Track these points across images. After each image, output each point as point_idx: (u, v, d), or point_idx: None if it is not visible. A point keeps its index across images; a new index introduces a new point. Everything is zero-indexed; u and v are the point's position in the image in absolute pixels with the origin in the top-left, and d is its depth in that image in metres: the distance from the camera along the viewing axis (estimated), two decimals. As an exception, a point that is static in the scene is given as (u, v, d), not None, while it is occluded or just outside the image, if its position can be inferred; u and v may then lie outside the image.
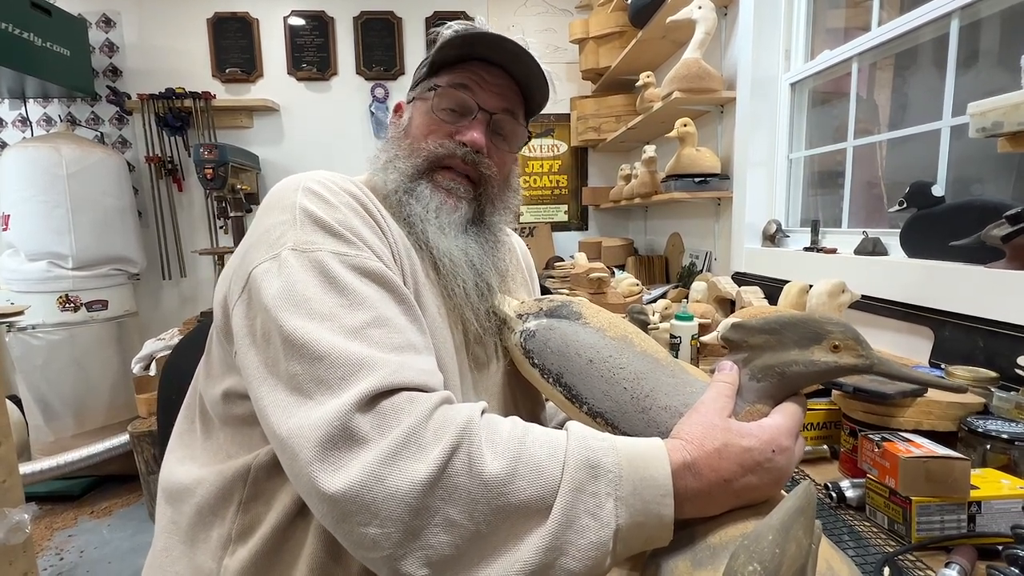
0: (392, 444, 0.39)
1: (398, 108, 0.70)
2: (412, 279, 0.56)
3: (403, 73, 2.87)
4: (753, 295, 1.46)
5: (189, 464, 0.57)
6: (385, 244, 0.54)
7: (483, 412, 0.44)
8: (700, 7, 1.61)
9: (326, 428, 0.39)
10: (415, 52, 2.87)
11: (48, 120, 2.77)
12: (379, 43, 2.83)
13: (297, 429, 0.40)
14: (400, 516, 0.37)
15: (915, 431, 0.68)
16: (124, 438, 2.18)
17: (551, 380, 0.54)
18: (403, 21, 2.83)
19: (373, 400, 0.41)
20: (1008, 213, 0.64)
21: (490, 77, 0.63)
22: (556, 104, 2.95)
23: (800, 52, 1.58)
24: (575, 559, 0.38)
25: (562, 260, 2.71)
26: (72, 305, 2.36)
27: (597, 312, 0.58)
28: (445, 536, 0.38)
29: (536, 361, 0.55)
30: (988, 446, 0.65)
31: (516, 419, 0.45)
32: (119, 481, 2.39)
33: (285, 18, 2.81)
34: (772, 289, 1.47)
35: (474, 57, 0.62)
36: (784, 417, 0.44)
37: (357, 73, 2.86)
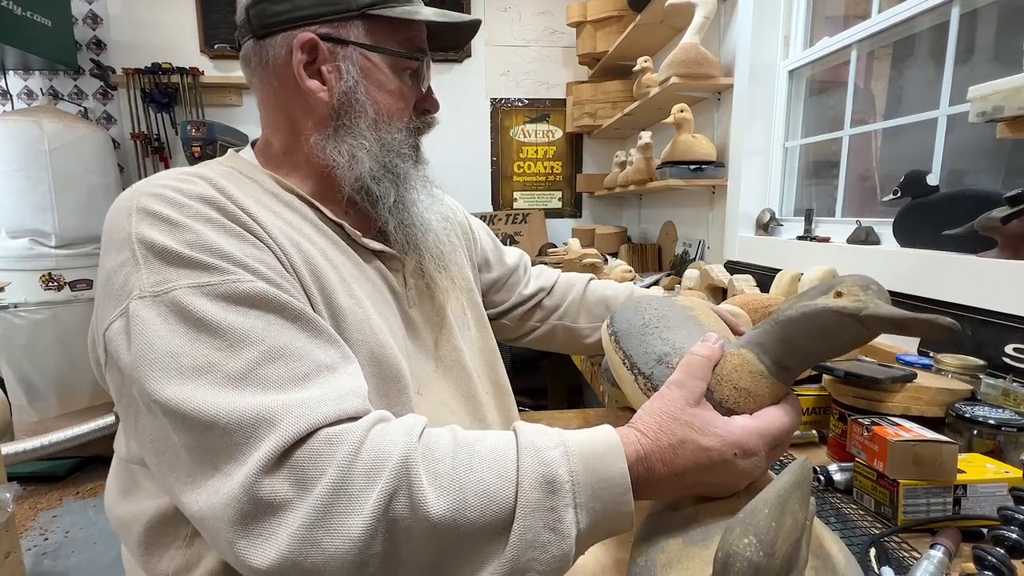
0: (318, 502, 0.34)
1: (306, 43, 0.53)
2: (313, 274, 0.48)
3: (397, 53, 2.82)
4: (745, 283, 1.46)
5: (133, 495, 0.50)
6: (263, 249, 0.45)
7: (422, 433, 0.39)
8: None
9: (236, 504, 0.34)
10: (409, 32, 2.81)
11: (29, 93, 2.69)
12: (373, 22, 2.77)
13: (209, 508, 0.36)
14: (347, 572, 0.34)
15: (904, 416, 0.68)
16: (109, 419, 2.16)
17: None
18: (397, 0, 2.77)
19: (284, 456, 0.36)
20: (1009, 195, 0.63)
21: (423, 32, 0.59)
22: (552, 89, 2.93)
23: (799, 39, 1.56)
24: (539, 572, 0.36)
25: (555, 247, 2.71)
26: (55, 284, 2.31)
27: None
28: (401, 570, 0.36)
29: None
30: (975, 431, 0.65)
31: (458, 435, 0.40)
32: (104, 462, 2.35)
33: (276, -7, 2.73)
34: (764, 278, 1.48)
35: (430, 19, 0.58)
36: (761, 420, 0.41)
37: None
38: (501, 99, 2.92)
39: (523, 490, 0.36)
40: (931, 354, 0.96)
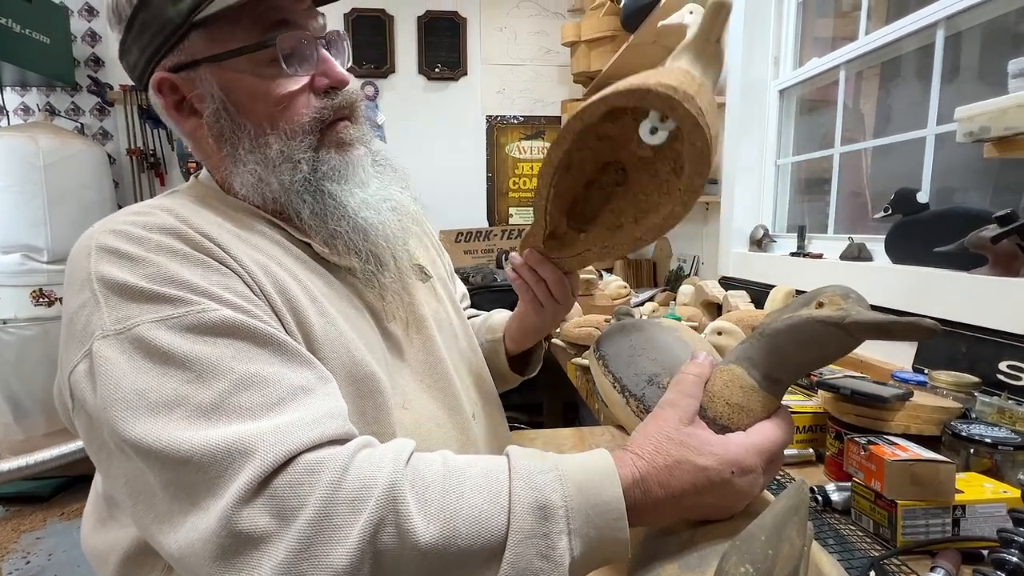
0: (301, 532, 0.33)
1: (161, 84, 0.50)
2: (283, 296, 0.46)
3: (393, 71, 2.85)
4: (740, 299, 1.47)
5: (109, 526, 0.49)
6: (229, 275, 0.44)
7: (409, 459, 0.38)
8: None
9: (215, 540, 0.33)
10: (407, 51, 2.85)
11: (26, 109, 2.69)
12: (370, 41, 2.81)
13: (188, 546, 0.34)
14: None
15: (903, 435, 0.68)
16: (98, 437, 2.12)
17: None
18: (394, 19, 2.82)
19: (262, 486, 0.34)
20: (998, 214, 0.64)
21: None
22: (547, 107, 2.97)
23: (789, 60, 1.59)
24: None
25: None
26: (46, 300, 2.29)
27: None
28: None
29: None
30: (971, 450, 0.65)
31: (449, 461, 0.39)
32: (91, 481, 2.32)
33: (274, 12, 2.77)
34: (759, 294, 1.48)
35: None
36: (756, 436, 0.40)
37: (347, 71, 2.83)
38: (497, 116, 2.95)
39: (515, 516, 0.35)
40: (926, 371, 0.96)
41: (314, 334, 0.47)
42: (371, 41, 2.81)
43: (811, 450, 0.80)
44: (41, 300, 2.28)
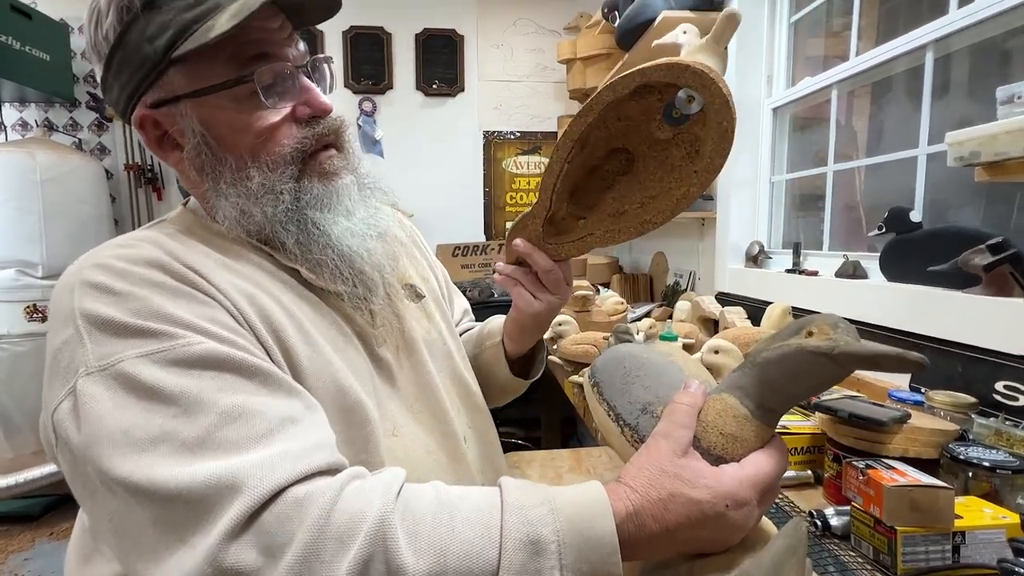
0: (289, 569, 0.33)
1: (142, 121, 0.51)
2: (269, 326, 0.46)
3: (391, 88, 2.88)
4: (737, 315, 1.47)
5: (94, 560, 0.48)
6: (214, 306, 0.44)
7: (399, 491, 0.38)
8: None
9: None
10: (405, 68, 2.88)
11: (24, 125, 2.70)
12: (368, 57, 2.83)
13: None
14: None
15: (901, 459, 0.67)
16: (89, 455, 2.09)
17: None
18: (392, 37, 2.85)
19: (250, 520, 0.34)
20: (989, 243, 0.64)
21: (269, 23, 0.49)
22: (543, 122, 3.00)
23: (782, 78, 1.61)
24: None
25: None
26: (40, 315, 2.27)
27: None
28: None
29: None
30: (970, 474, 0.65)
31: (441, 493, 0.39)
32: (82, 500, 2.28)
33: (274, 30, 2.80)
34: (755, 310, 1.48)
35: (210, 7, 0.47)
36: (750, 468, 0.40)
37: (345, 86, 2.85)
38: (493, 132, 2.98)
39: (506, 551, 0.35)
40: (923, 390, 0.95)
41: (300, 363, 0.47)
42: (369, 58, 2.84)
43: (809, 472, 0.79)
44: (35, 316, 2.27)
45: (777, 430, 0.45)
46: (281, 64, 0.50)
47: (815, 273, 1.32)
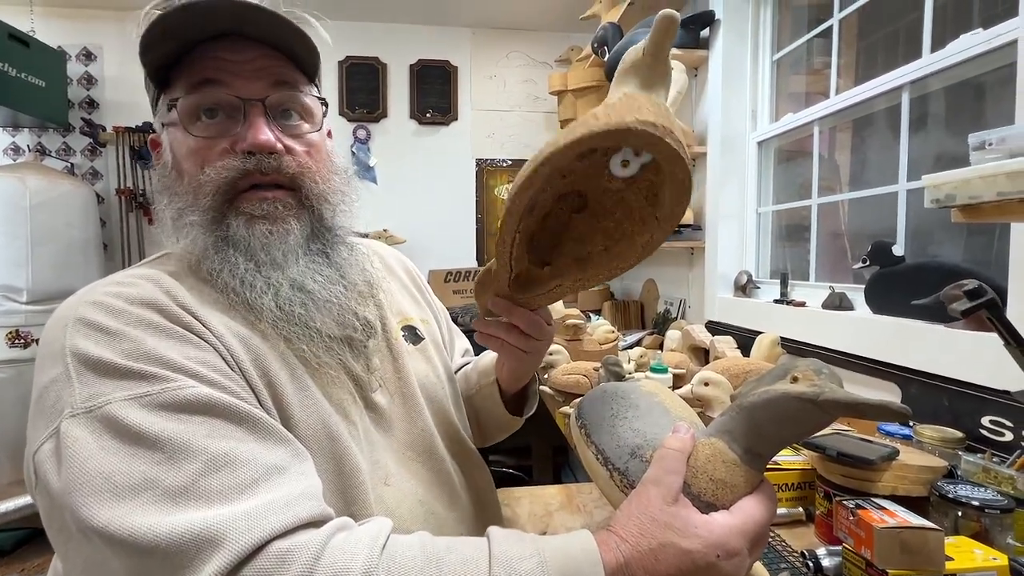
0: None
1: (153, 145, 0.54)
2: (261, 370, 0.46)
3: (386, 116, 2.92)
4: (726, 345, 1.48)
5: None
6: (207, 348, 0.43)
7: (385, 544, 0.37)
8: (672, 68, 1.70)
9: None
10: (399, 97, 2.93)
11: (16, 149, 2.70)
12: (363, 87, 2.88)
13: None
14: None
15: (891, 497, 0.67)
16: (66, 487, 2.02)
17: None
18: (387, 67, 2.91)
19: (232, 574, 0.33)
20: (966, 289, 0.66)
21: (234, 55, 0.49)
22: (535, 151, 3.03)
23: (766, 113, 1.66)
24: None
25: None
26: (22, 341, 2.23)
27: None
28: None
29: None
30: (959, 513, 0.65)
31: (427, 545, 0.38)
32: (57, 534, 2.20)
33: (270, 59, 2.85)
34: (745, 339, 1.49)
35: (198, 39, 0.48)
36: (740, 516, 0.39)
37: (340, 114, 2.89)
38: (486, 159, 3.02)
39: None
40: (912, 423, 0.96)
41: (290, 409, 0.46)
42: (364, 87, 2.88)
43: (800, 509, 0.79)
44: (17, 342, 2.22)
45: (768, 466, 0.45)
46: (220, 92, 0.49)
47: (803, 304, 1.34)
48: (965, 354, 0.88)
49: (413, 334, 0.65)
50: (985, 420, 0.82)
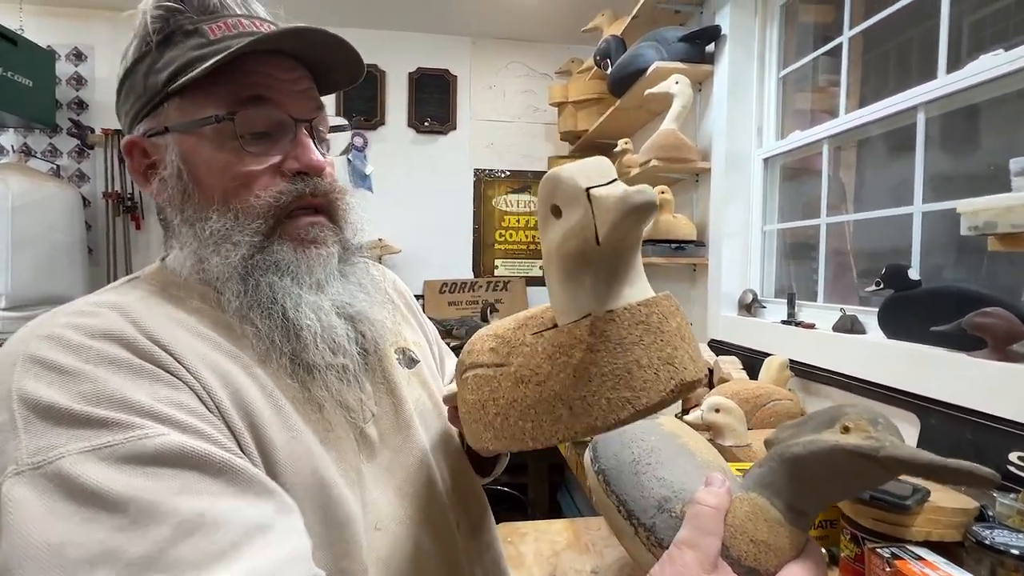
0: None
1: (131, 147, 0.49)
2: (242, 409, 0.41)
3: (383, 123, 2.88)
4: (732, 366, 1.44)
5: None
6: (181, 388, 0.38)
7: None
8: (677, 82, 1.68)
9: None
10: (398, 105, 2.89)
11: (0, 150, 2.62)
12: (361, 93, 2.84)
13: None
14: None
15: (924, 543, 0.63)
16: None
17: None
18: (386, 75, 2.87)
19: None
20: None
21: (284, 72, 0.48)
22: (534, 162, 3.02)
23: (771, 130, 1.64)
24: None
25: (536, 316, 2.66)
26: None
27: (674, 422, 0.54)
28: None
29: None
30: (999, 561, 0.60)
31: None
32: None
33: (267, 64, 2.80)
34: (750, 360, 1.45)
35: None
36: None
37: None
38: (484, 170, 2.98)
39: None
40: (931, 456, 0.92)
41: (275, 454, 0.41)
42: (362, 94, 2.84)
43: (824, 551, 0.74)
44: (-7, 349, 2.14)
45: None
46: (273, 110, 0.47)
47: (812, 326, 1.30)
48: (990, 386, 0.84)
49: (408, 358, 0.60)
50: (1013, 456, 0.78)
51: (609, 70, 2.05)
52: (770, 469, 0.39)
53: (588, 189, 0.34)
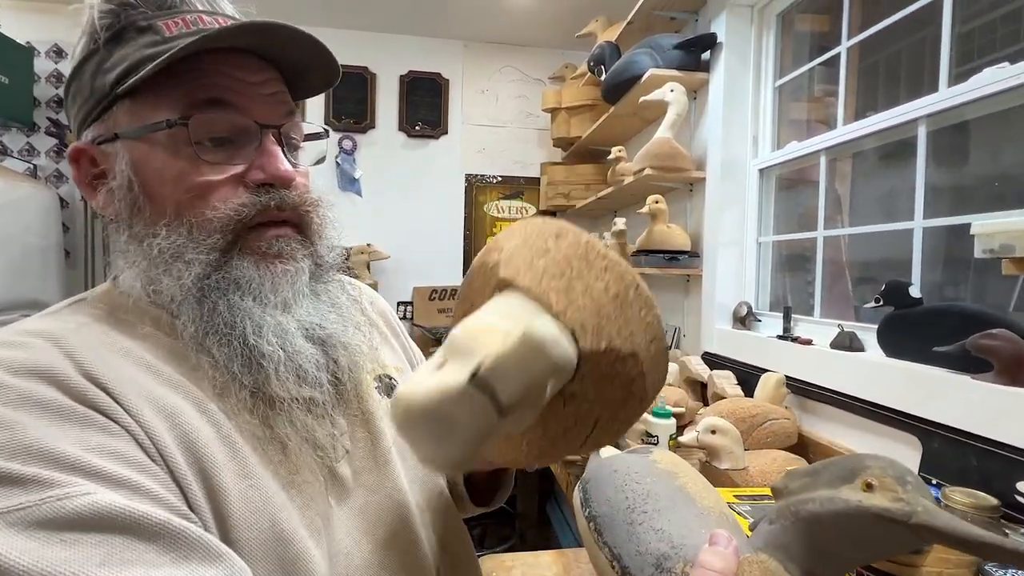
0: None
1: (78, 155, 0.44)
2: (191, 454, 0.36)
3: (373, 127, 2.83)
4: (726, 381, 1.40)
5: None
6: (118, 434, 0.33)
7: None
8: (672, 90, 1.65)
9: None
10: (388, 108, 2.84)
11: (-26, 148, 2.53)
12: (351, 96, 2.79)
13: None
14: None
15: (935, 586, 0.59)
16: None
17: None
18: (377, 77, 2.82)
19: None
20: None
21: (248, 74, 0.43)
22: (527, 168, 2.98)
23: (767, 140, 1.62)
24: None
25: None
26: (-33, 355, 2.05)
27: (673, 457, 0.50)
28: None
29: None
30: (1014, 605, 0.57)
31: None
32: None
33: (254, 64, 2.74)
34: (744, 374, 1.42)
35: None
36: None
37: (325, 123, 2.79)
38: (476, 175, 2.94)
39: None
40: (935, 481, 0.89)
41: (228, 506, 0.36)
42: (352, 96, 2.79)
43: (827, 588, 0.70)
44: (-40, 356, 2.05)
45: None
46: (235, 115, 0.43)
47: (809, 342, 1.27)
48: (996, 411, 0.81)
49: (387, 384, 0.55)
50: (1021, 486, 0.75)
51: (603, 76, 2.02)
52: (783, 528, 0.35)
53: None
